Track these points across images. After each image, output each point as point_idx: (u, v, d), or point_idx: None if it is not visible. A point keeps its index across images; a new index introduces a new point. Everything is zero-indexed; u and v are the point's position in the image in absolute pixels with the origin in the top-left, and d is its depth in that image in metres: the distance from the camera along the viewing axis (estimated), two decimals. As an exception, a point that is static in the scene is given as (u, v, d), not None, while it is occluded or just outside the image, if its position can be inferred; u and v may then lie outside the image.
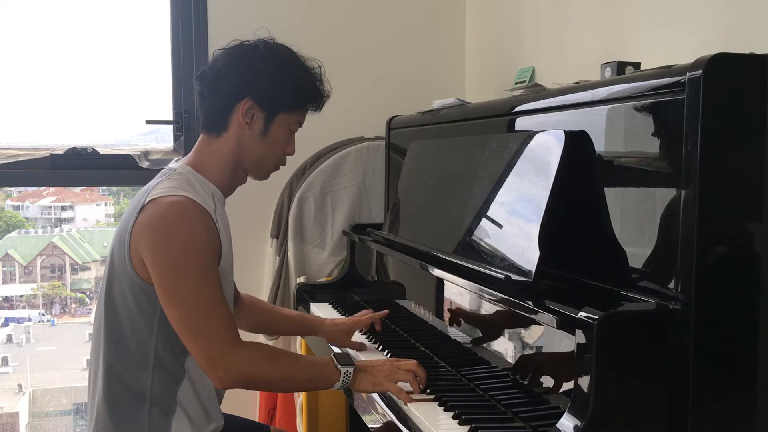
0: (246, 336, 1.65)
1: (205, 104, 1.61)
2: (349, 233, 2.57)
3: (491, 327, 1.58)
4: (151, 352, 1.53)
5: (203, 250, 1.46)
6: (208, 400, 1.61)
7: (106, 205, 4.42)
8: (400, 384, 1.56)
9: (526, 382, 1.42)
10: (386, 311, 2.02)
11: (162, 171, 1.62)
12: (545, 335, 1.36)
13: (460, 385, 1.61)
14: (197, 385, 1.57)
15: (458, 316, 1.74)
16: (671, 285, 1.23)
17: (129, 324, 1.52)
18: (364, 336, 2.04)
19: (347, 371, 1.55)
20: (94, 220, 4.52)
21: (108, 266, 1.57)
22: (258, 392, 2.88)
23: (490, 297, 1.51)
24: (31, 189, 4.21)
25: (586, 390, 1.17)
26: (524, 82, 2.42)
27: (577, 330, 1.20)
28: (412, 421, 1.47)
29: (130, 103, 2.93)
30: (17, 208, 4.37)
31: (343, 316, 2.17)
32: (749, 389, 1.22)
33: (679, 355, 1.20)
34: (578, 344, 1.20)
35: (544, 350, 1.38)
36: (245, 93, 1.56)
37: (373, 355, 1.87)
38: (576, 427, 1.16)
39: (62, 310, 4.38)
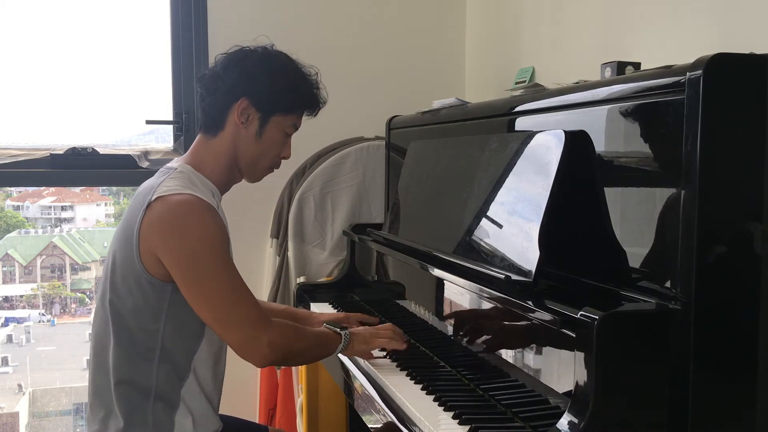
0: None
1: (203, 104, 1.67)
2: (349, 233, 2.57)
3: (491, 327, 1.58)
4: (157, 347, 1.55)
5: (218, 240, 1.51)
6: (211, 399, 1.64)
7: (106, 205, 4.43)
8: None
9: (525, 382, 1.42)
10: (376, 318, 2.09)
11: (161, 170, 1.64)
12: (545, 335, 1.36)
13: (460, 385, 1.61)
14: (202, 383, 1.60)
15: (458, 316, 1.74)
16: (671, 285, 1.23)
17: (135, 319, 1.55)
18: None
19: (346, 334, 1.70)
20: (94, 220, 4.52)
21: (110, 264, 1.58)
22: (258, 392, 2.88)
23: (490, 297, 1.51)
24: (31, 189, 4.21)
25: (586, 390, 1.17)
26: (524, 82, 2.42)
27: (577, 330, 1.20)
28: (412, 421, 1.47)
29: (130, 103, 2.93)
30: (17, 208, 4.38)
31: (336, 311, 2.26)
32: (749, 389, 1.22)
33: (679, 355, 1.20)
34: (578, 344, 1.20)
35: (544, 350, 1.37)
36: (241, 93, 1.61)
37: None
38: (576, 427, 1.16)
39: (62, 310, 4.38)
